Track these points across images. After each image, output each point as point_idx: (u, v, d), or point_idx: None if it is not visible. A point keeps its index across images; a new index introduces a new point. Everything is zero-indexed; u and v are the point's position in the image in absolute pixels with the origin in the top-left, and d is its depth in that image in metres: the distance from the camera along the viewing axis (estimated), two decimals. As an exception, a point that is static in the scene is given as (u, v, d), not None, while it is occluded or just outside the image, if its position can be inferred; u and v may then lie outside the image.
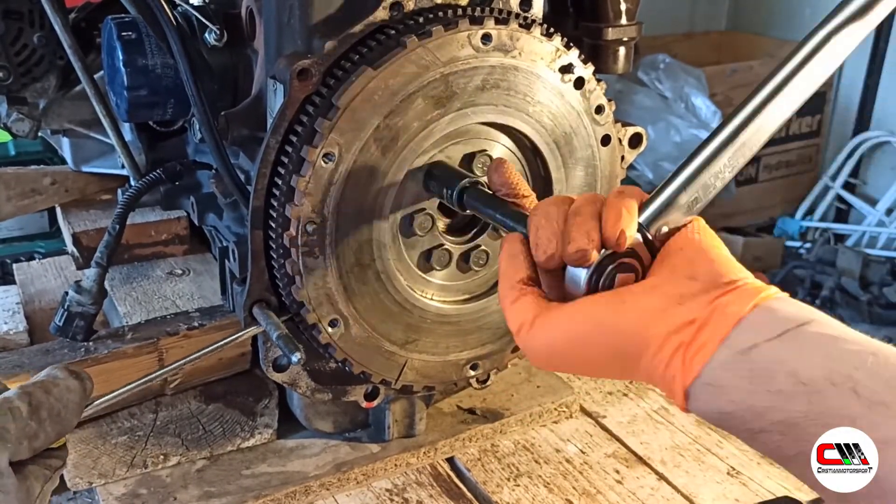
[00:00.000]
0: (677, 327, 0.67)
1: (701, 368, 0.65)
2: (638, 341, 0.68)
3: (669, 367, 0.67)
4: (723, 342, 0.64)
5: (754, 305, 0.66)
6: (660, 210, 0.75)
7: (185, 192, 1.33)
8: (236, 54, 1.17)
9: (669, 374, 0.67)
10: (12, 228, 2.97)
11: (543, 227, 0.76)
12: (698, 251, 0.72)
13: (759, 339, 0.63)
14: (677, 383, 0.66)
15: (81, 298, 1.20)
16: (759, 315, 0.65)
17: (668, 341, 0.67)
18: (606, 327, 0.70)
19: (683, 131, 4.17)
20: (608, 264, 0.73)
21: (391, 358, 1.06)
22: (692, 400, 0.66)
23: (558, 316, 0.73)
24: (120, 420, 1.17)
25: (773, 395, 0.62)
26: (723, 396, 0.64)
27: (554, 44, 1.01)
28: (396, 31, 0.96)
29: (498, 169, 0.88)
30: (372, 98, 0.93)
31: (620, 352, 0.70)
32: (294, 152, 0.94)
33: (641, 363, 0.69)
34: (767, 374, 0.62)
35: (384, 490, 1.15)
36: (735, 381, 0.63)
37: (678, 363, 0.66)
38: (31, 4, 1.35)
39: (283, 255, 0.97)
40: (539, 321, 0.73)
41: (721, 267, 0.70)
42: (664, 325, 0.67)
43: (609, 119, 1.08)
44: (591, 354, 0.72)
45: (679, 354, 0.66)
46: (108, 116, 1.33)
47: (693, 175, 0.75)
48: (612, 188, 1.13)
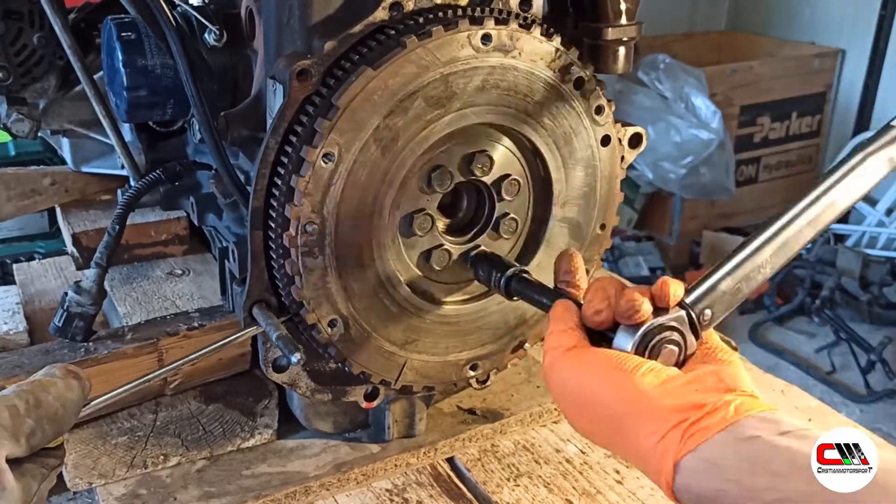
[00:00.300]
0: (686, 406, 0.70)
1: (697, 445, 0.67)
2: (646, 405, 0.71)
3: (665, 439, 0.69)
4: (725, 429, 0.67)
5: (761, 410, 0.69)
6: (704, 294, 0.79)
7: (184, 192, 1.33)
8: (236, 54, 1.17)
9: (661, 448, 0.69)
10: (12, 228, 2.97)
11: (599, 290, 0.80)
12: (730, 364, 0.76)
13: (763, 433, 0.66)
14: (669, 456, 0.68)
15: (81, 299, 1.20)
16: (765, 415, 0.69)
17: (671, 415, 0.69)
18: (626, 382, 0.73)
19: (683, 131, 4.17)
20: (655, 334, 0.77)
21: (391, 358, 1.06)
22: (681, 474, 0.68)
23: (592, 355, 0.77)
24: (120, 420, 1.17)
25: (772, 476, 0.64)
26: (719, 474, 0.66)
27: (554, 44, 1.01)
28: (396, 31, 0.96)
29: (567, 257, 0.93)
30: (372, 98, 0.93)
31: (626, 410, 0.72)
32: (294, 152, 0.94)
33: (640, 429, 0.71)
34: (767, 457, 0.65)
35: (384, 490, 1.15)
36: (735, 462, 0.66)
37: (675, 437, 0.68)
38: (31, 4, 1.35)
39: (283, 256, 0.97)
40: (574, 351, 0.77)
41: (741, 378, 0.74)
42: (673, 400, 0.70)
43: (609, 119, 1.08)
44: (601, 401, 0.75)
45: (678, 429, 0.68)
46: (107, 117, 1.33)
47: (737, 265, 0.80)
48: (612, 189, 1.13)
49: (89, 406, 0.83)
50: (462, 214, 1.09)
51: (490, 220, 1.08)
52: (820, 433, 0.66)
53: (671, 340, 0.77)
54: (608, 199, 1.14)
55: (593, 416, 0.77)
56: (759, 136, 4.72)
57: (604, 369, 0.75)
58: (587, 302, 0.81)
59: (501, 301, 1.10)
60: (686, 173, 4.22)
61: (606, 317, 0.79)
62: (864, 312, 3.90)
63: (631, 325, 0.78)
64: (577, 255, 0.93)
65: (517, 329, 1.14)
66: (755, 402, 0.71)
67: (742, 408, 0.69)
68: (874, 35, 4.56)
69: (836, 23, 4.76)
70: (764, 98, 4.60)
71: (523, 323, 1.14)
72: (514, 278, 1.00)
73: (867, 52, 4.60)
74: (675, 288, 0.78)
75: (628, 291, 0.78)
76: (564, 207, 1.10)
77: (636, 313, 0.76)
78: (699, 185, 4.28)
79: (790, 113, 4.77)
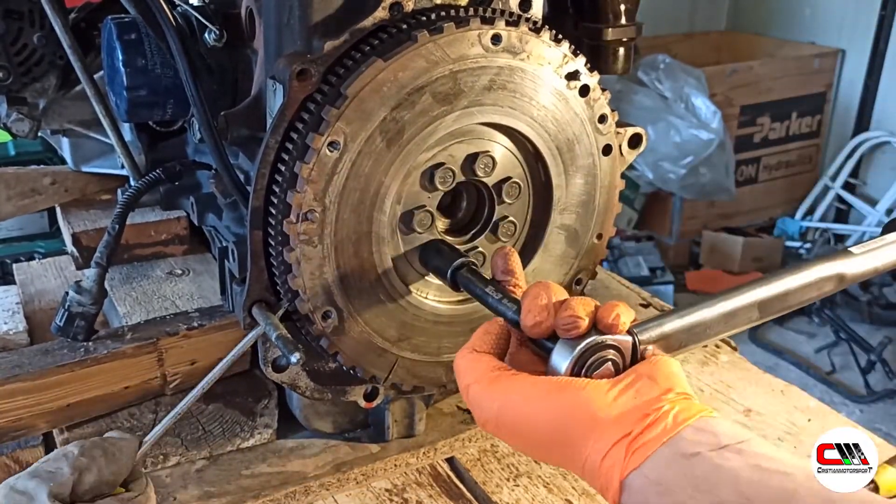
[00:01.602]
0: (626, 417, 0.69)
1: (642, 462, 0.67)
2: (587, 421, 0.70)
3: (609, 455, 0.68)
4: (666, 443, 0.67)
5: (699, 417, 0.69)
6: (651, 328, 0.79)
7: (184, 192, 1.33)
8: (236, 54, 1.17)
9: (608, 464, 0.68)
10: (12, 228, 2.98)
11: (541, 297, 0.78)
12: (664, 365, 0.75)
13: (703, 449, 0.66)
14: (615, 472, 0.68)
15: (82, 299, 1.20)
16: (702, 424, 0.68)
17: (613, 429, 0.69)
18: (563, 400, 0.72)
19: (683, 131, 4.17)
20: (593, 352, 0.75)
21: (382, 355, 1.06)
22: (628, 493, 0.68)
23: (520, 380, 0.75)
24: (120, 420, 1.17)
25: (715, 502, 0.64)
26: (666, 496, 0.66)
27: (562, 49, 1.01)
28: (398, 30, 0.96)
29: (503, 255, 0.91)
30: (380, 89, 0.93)
31: (567, 428, 0.71)
32: (299, 139, 0.94)
33: (585, 446, 0.70)
34: (711, 483, 0.65)
35: (384, 490, 1.15)
36: (680, 484, 0.66)
37: (619, 453, 0.68)
38: (31, 4, 1.35)
39: (282, 243, 0.97)
40: (499, 381, 0.75)
41: (676, 376, 0.74)
42: (615, 410, 0.70)
43: (612, 129, 1.08)
44: (541, 427, 0.73)
45: (622, 444, 0.68)
46: (107, 116, 1.32)
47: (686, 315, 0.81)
48: (610, 198, 1.13)
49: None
50: (461, 215, 1.09)
51: (489, 221, 1.08)
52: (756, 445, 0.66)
53: (610, 359, 0.75)
54: (606, 209, 1.14)
55: (535, 441, 0.76)
56: (759, 137, 4.73)
57: (541, 391, 0.73)
58: (527, 311, 0.78)
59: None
60: (686, 173, 4.23)
61: (546, 328, 0.77)
62: (864, 312, 3.91)
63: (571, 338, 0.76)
64: (514, 253, 0.91)
65: (510, 333, 1.14)
66: (692, 405, 0.70)
67: (680, 416, 0.69)
68: (874, 35, 4.57)
69: (836, 23, 4.77)
70: (764, 98, 4.61)
71: (517, 327, 1.14)
72: (459, 270, 0.97)
73: (867, 52, 4.61)
74: (626, 317, 0.76)
75: (573, 303, 0.76)
76: (563, 214, 1.10)
77: (576, 329, 0.75)
78: (699, 185, 4.29)
79: (790, 113, 4.77)
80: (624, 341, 0.76)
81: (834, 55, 4.76)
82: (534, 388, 0.74)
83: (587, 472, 0.71)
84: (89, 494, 0.83)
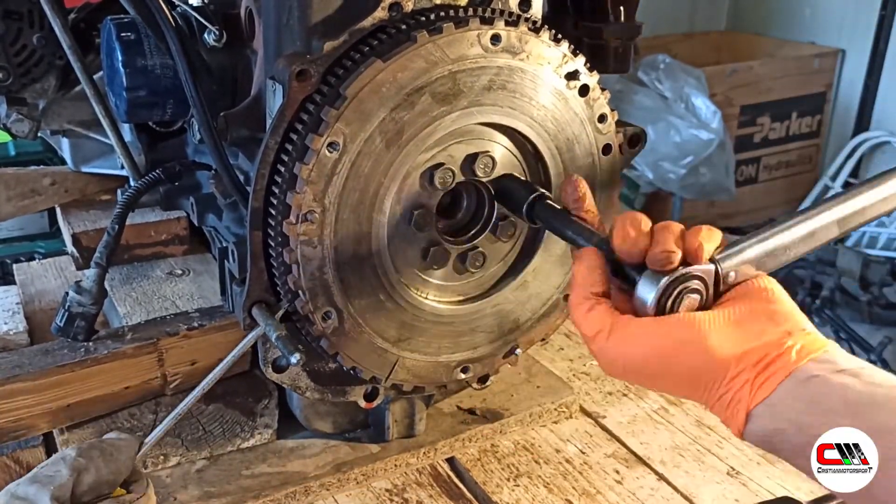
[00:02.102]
0: (754, 360, 0.73)
1: (767, 395, 0.71)
2: (716, 366, 0.74)
3: (739, 392, 0.73)
4: (790, 375, 0.71)
5: (820, 353, 0.73)
6: (732, 255, 0.81)
7: (184, 192, 1.33)
8: (235, 55, 1.17)
9: (736, 398, 0.73)
10: (12, 228, 2.98)
11: (632, 226, 0.81)
12: (778, 300, 0.78)
13: (821, 373, 0.70)
14: (742, 406, 0.72)
15: (82, 299, 1.20)
16: (823, 357, 0.73)
17: (743, 370, 0.73)
18: (690, 346, 0.75)
19: (683, 131, 4.17)
20: (679, 284, 0.78)
21: (383, 355, 1.06)
22: (751, 421, 0.72)
23: (640, 329, 0.78)
24: (120, 420, 1.17)
25: (824, 414, 0.68)
26: (778, 415, 0.70)
27: (561, 49, 1.01)
28: (398, 30, 0.96)
29: (572, 183, 0.93)
30: (380, 90, 0.93)
31: (697, 372, 0.75)
32: (298, 140, 0.94)
33: (713, 386, 0.74)
34: (821, 396, 0.70)
35: (384, 490, 1.15)
36: (792, 402, 0.70)
37: (745, 390, 0.72)
38: (31, 5, 1.35)
39: (282, 244, 0.97)
40: (618, 331, 0.79)
41: (793, 314, 0.77)
42: (738, 348, 0.74)
43: (611, 129, 1.08)
44: (668, 370, 0.77)
45: (749, 383, 0.72)
46: (107, 117, 1.33)
47: (767, 238, 0.83)
48: (609, 198, 1.13)
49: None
50: (461, 215, 1.09)
51: (489, 222, 1.08)
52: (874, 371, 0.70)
53: (695, 289, 0.78)
54: (605, 210, 1.13)
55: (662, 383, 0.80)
56: (759, 136, 4.72)
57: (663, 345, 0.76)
58: (623, 238, 0.81)
59: (497, 304, 1.10)
60: (686, 173, 4.22)
61: (641, 257, 0.80)
62: (864, 312, 3.90)
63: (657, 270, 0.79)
64: (582, 181, 0.93)
65: (510, 334, 1.14)
66: (813, 341, 0.73)
67: (803, 351, 0.72)
68: (874, 35, 4.56)
69: (836, 23, 4.76)
70: (764, 98, 4.60)
71: (517, 328, 1.14)
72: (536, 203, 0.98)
73: (867, 52, 4.60)
74: (710, 244, 0.79)
75: (661, 236, 0.79)
76: (562, 214, 1.10)
77: (670, 265, 0.78)
78: (699, 185, 4.28)
79: (790, 113, 4.77)
80: (707, 270, 0.79)
81: (834, 55, 4.76)
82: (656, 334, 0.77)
83: (712, 405, 0.75)
84: (89, 495, 0.83)
